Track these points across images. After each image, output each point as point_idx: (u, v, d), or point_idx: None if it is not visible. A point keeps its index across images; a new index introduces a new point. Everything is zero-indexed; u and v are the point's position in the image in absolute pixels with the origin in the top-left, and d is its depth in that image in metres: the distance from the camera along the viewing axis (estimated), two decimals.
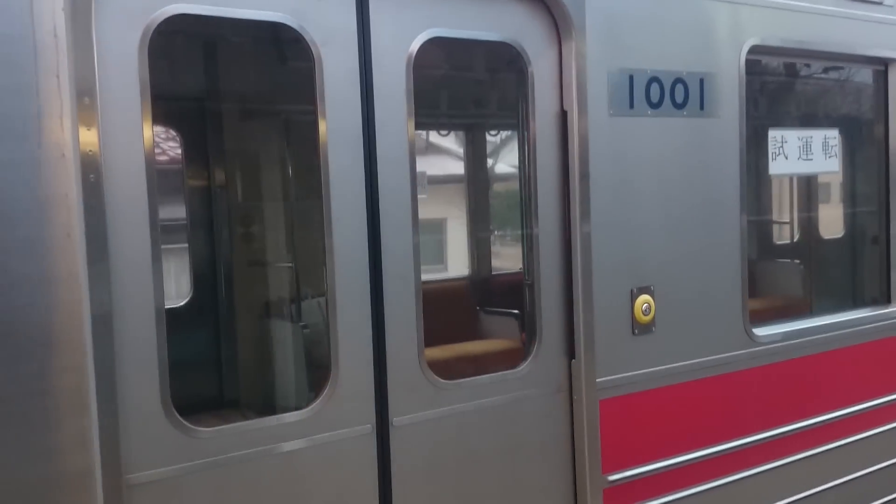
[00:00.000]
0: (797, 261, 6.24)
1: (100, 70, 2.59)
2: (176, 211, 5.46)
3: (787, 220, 6.52)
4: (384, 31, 3.22)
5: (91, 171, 2.55)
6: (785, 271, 6.08)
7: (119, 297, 2.64)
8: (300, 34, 3.04)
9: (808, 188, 6.12)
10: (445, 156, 6.24)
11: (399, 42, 3.26)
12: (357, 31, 3.15)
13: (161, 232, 2.76)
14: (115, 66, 2.65)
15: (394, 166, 3.26)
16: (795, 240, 6.57)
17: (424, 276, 3.40)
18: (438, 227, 6.52)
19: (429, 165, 5.96)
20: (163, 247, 2.72)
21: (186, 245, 5.40)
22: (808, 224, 6.32)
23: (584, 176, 3.65)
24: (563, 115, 3.66)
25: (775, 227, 6.64)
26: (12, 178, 2.44)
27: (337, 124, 3.12)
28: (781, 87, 5.40)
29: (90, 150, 2.54)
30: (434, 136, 6.04)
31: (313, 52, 3.06)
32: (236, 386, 4.93)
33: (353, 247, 3.18)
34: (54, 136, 2.50)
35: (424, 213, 3.41)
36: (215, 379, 5.12)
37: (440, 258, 6.54)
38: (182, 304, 5.35)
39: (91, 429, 2.56)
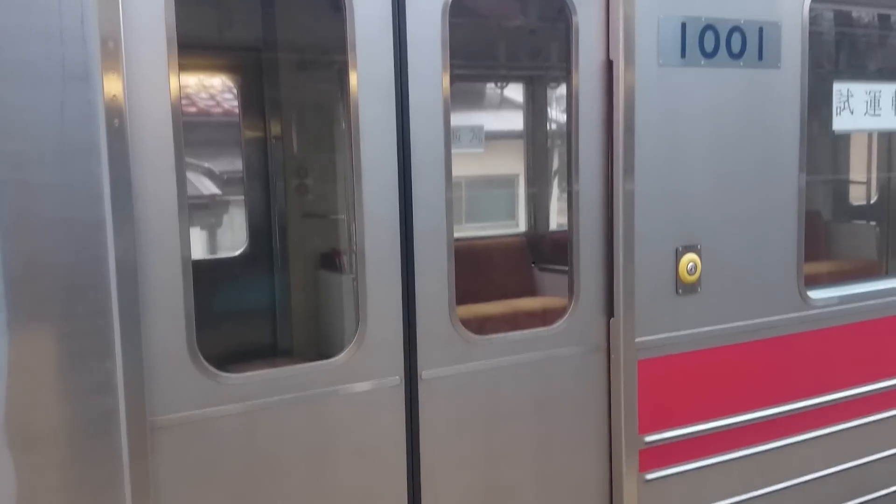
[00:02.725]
0: (873, 222, 5.95)
1: (124, 13, 2.58)
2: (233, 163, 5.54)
3: (864, 180, 6.20)
4: None
5: (115, 117, 2.56)
6: (860, 233, 5.81)
7: (144, 243, 2.67)
8: None
9: (890, 146, 5.79)
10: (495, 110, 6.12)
11: None
12: None
13: (222, 183, 2.75)
14: (141, 10, 2.63)
15: (427, 117, 3.19)
16: (872, 201, 6.25)
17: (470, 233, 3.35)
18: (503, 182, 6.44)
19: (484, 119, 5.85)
20: (220, 198, 2.73)
21: (242, 197, 5.48)
22: (888, 184, 5.99)
23: (630, 129, 3.51)
24: (609, 65, 3.51)
25: (851, 187, 6.33)
26: (37, 123, 2.47)
27: (368, 73, 3.06)
28: (847, 38, 5.07)
29: (114, 95, 2.55)
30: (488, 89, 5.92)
31: None
32: (289, 335, 5.00)
33: (384, 198, 3.14)
34: (79, 81, 2.51)
35: (484, 168, 3.34)
36: (269, 327, 5.21)
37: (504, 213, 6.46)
38: (237, 253, 5.45)
39: (116, 371, 2.61)
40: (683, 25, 3.61)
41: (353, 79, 3.05)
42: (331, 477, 3.13)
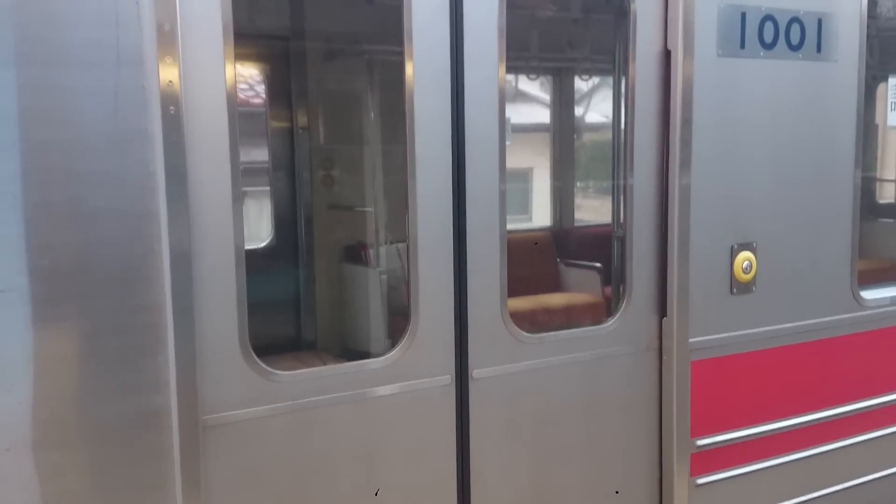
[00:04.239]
0: None
1: None
2: (259, 154, 5.44)
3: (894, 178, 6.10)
4: None
5: (171, 104, 2.46)
6: (889, 232, 5.70)
7: (198, 235, 2.57)
8: None
9: None
10: (533, 102, 6.00)
11: None
12: None
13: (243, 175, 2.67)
14: None
15: (482, 108, 3.08)
16: None
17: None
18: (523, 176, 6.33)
19: (515, 112, 5.74)
20: (245, 189, 2.64)
21: (268, 188, 5.39)
22: None
23: (687, 121, 3.39)
24: (667, 55, 3.39)
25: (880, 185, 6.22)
26: (91, 109, 2.38)
27: (424, 62, 2.95)
28: None
29: (170, 81, 2.45)
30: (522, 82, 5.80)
31: None
32: (313, 328, 4.92)
33: (438, 191, 3.04)
34: (134, 66, 2.41)
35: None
36: (293, 320, 5.12)
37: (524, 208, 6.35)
38: (262, 245, 5.36)
39: (168, 368, 2.52)
40: (743, 15, 3.49)
41: (409, 68, 2.94)
42: (380, 477, 3.04)
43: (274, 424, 2.79)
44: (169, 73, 2.45)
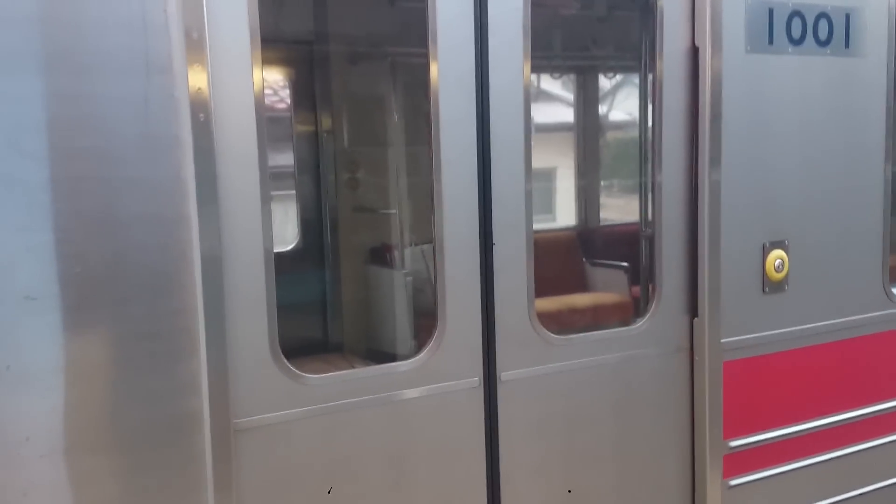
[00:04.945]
0: None
1: (208, 3, 2.49)
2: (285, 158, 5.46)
3: None
4: None
5: (200, 111, 2.47)
6: None
7: (228, 239, 2.58)
8: None
9: None
10: (557, 101, 5.97)
11: None
12: None
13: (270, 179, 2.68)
14: (225, 1, 2.54)
15: (507, 108, 3.07)
16: None
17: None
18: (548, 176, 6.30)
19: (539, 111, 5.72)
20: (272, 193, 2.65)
21: (294, 192, 5.41)
22: None
23: (716, 118, 3.36)
24: (695, 52, 3.36)
25: None
26: (122, 116, 2.39)
27: (449, 63, 2.94)
28: None
29: (199, 88, 2.46)
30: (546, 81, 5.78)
31: None
32: (339, 331, 4.93)
33: (464, 192, 3.03)
34: (163, 74, 2.43)
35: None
36: (319, 323, 5.14)
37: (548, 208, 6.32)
38: (288, 248, 5.38)
39: (200, 372, 2.53)
40: (771, 11, 3.45)
41: (434, 69, 2.93)
42: (410, 479, 3.04)
43: (304, 427, 2.80)
44: (198, 80, 2.46)
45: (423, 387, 3.02)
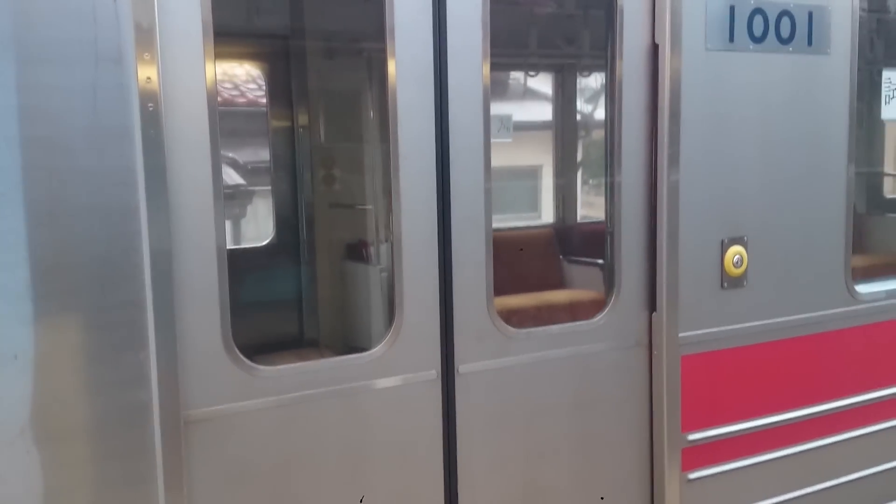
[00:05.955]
0: None
1: None
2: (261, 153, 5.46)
3: None
4: None
5: (150, 101, 2.47)
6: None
7: (178, 232, 2.58)
8: None
9: None
10: (530, 99, 5.99)
11: None
12: None
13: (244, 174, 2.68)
14: None
15: (466, 103, 3.08)
16: None
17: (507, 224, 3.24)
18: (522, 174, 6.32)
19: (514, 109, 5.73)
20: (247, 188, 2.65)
21: (269, 187, 5.42)
22: None
23: (675, 116, 3.38)
24: (655, 50, 3.38)
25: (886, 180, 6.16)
26: (70, 106, 2.39)
27: (406, 56, 2.95)
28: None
29: (149, 78, 2.47)
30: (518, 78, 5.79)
31: None
32: (315, 326, 4.94)
33: (421, 187, 3.04)
34: (112, 63, 2.43)
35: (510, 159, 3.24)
36: (295, 318, 5.15)
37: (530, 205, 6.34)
38: (264, 243, 5.39)
39: (149, 363, 2.53)
40: (732, 8, 3.47)
41: (391, 63, 2.95)
42: (366, 473, 3.05)
43: (258, 419, 2.80)
44: (147, 71, 2.47)
45: (379, 379, 3.03)
